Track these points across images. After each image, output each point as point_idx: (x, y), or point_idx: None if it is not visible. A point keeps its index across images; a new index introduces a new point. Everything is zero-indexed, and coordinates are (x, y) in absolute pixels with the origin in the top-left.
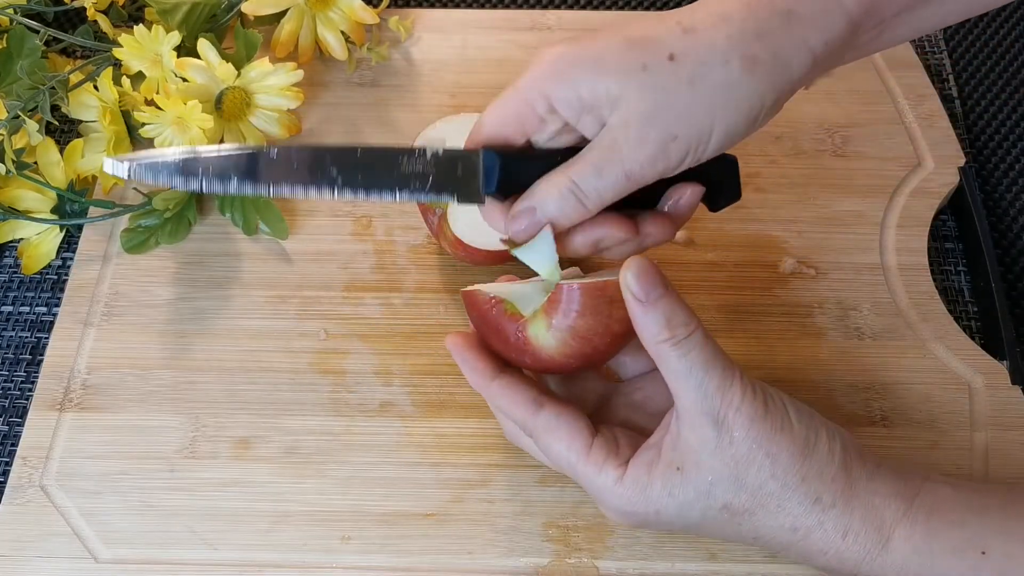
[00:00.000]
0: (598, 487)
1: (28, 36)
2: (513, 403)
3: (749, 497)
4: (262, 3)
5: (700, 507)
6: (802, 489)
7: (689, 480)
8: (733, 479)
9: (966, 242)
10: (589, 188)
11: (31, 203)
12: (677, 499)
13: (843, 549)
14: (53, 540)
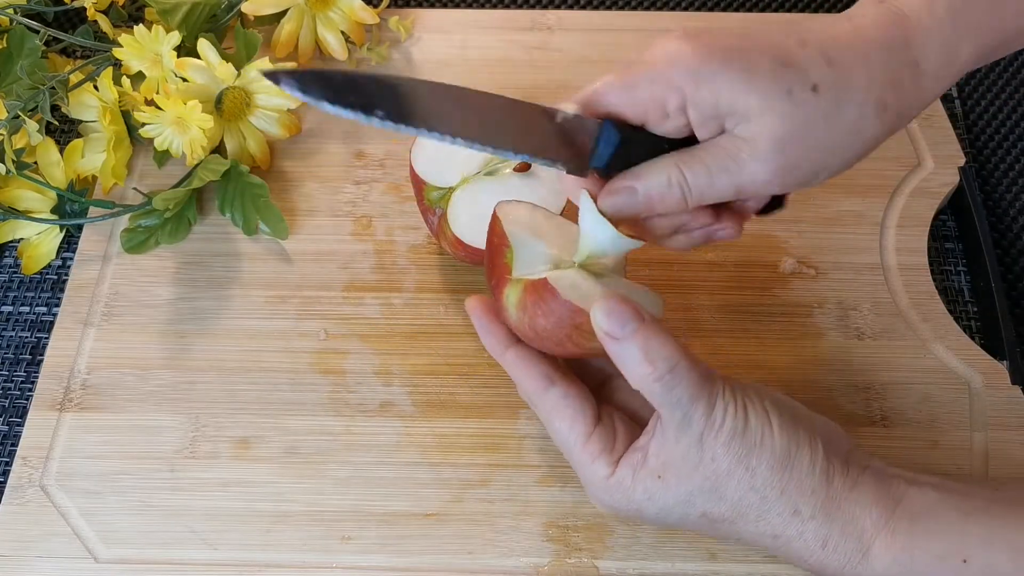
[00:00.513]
0: (588, 476)
1: (28, 36)
2: (526, 375)
3: (728, 508)
4: (262, 3)
5: (679, 513)
6: (781, 501)
7: (669, 489)
8: (712, 491)
9: (966, 242)
10: (696, 187)
11: (31, 203)
12: (657, 503)
13: (823, 558)
14: (53, 540)
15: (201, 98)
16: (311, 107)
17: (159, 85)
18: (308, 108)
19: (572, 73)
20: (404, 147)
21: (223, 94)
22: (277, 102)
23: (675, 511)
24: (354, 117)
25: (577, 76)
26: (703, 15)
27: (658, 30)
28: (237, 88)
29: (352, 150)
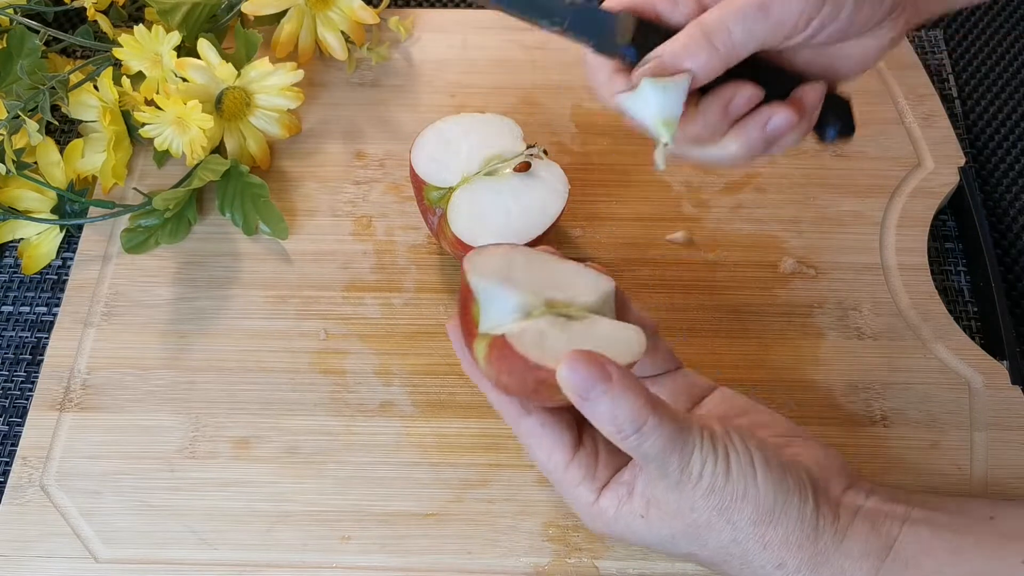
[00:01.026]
0: (573, 498)
1: (28, 36)
2: (503, 404)
3: (711, 554)
4: (262, 3)
5: (664, 549)
6: (764, 555)
7: (651, 528)
8: (695, 537)
9: (966, 242)
10: (722, 33)
11: (31, 203)
12: (639, 538)
13: None
14: (53, 540)
15: (201, 98)
16: (311, 107)
17: (159, 85)
18: (308, 108)
19: (572, 73)
20: (404, 147)
21: (223, 94)
22: (277, 102)
23: (659, 547)
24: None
25: (577, 76)
26: None
27: None
28: (237, 88)
29: (352, 150)
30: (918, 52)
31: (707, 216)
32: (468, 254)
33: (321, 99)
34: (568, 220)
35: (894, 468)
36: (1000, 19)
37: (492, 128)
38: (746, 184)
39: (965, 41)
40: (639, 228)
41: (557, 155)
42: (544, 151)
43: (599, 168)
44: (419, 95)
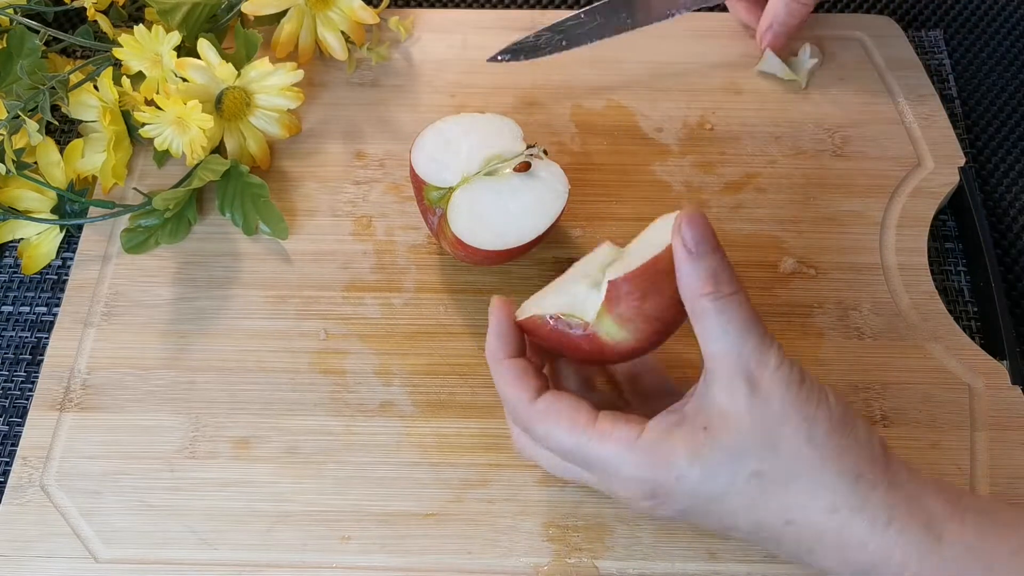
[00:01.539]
0: (608, 456)
1: (28, 36)
2: (515, 384)
3: (783, 464)
4: (262, 3)
5: (727, 473)
6: (842, 462)
7: (717, 440)
8: (766, 441)
9: (966, 242)
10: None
11: (31, 203)
12: (702, 461)
13: (886, 543)
14: (53, 540)
15: (201, 98)
16: (311, 107)
17: (159, 85)
18: (308, 108)
19: (572, 73)
20: (404, 147)
21: (223, 94)
22: (277, 102)
23: (722, 471)
24: None
25: (577, 76)
26: (703, 15)
27: (658, 30)
28: (237, 88)
29: (352, 150)
30: (918, 52)
31: (707, 216)
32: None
33: (321, 99)
34: (568, 220)
35: None
36: (1000, 19)
37: (492, 128)
38: (746, 184)
39: (965, 41)
40: (639, 228)
41: (557, 155)
42: (544, 151)
43: (599, 168)
44: (419, 95)
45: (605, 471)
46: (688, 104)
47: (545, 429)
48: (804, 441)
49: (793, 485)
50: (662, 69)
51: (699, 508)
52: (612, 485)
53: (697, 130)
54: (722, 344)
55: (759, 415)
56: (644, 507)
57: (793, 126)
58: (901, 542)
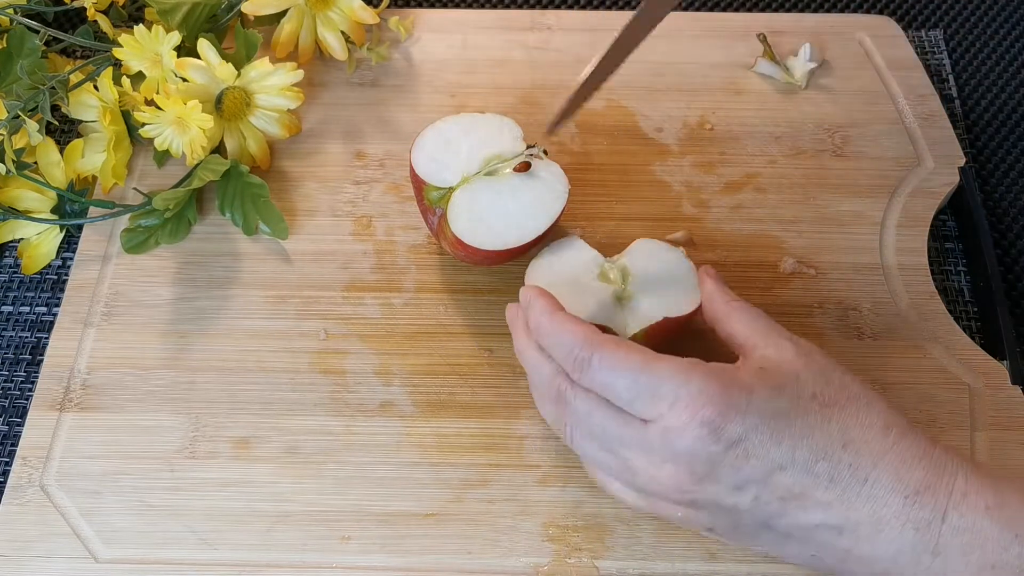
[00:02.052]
0: (676, 371)
1: (28, 36)
2: (577, 324)
3: (837, 390)
4: (262, 3)
5: (790, 392)
6: (884, 401)
7: (775, 373)
8: (820, 374)
9: (966, 242)
10: None
11: (31, 203)
12: (767, 380)
13: (936, 460)
14: (53, 540)
15: (201, 98)
16: (311, 107)
17: (159, 85)
18: (308, 108)
19: (572, 73)
20: (404, 147)
21: (223, 94)
22: (277, 102)
23: (787, 389)
24: None
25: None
26: (703, 15)
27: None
28: (237, 88)
29: (352, 150)
30: (918, 52)
31: (707, 216)
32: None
33: (321, 99)
34: (568, 220)
35: None
36: (1000, 19)
37: (492, 128)
38: (746, 184)
39: (965, 41)
40: (639, 228)
41: (557, 155)
42: (544, 151)
43: (599, 168)
44: (419, 95)
45: (672, 389)
46: (688, 104)
47: (612, 355)
48: (850, 380)
49: (849, 407)
50: (662, 69)
51: (764, 429)
52: (675, 409)
53: (697, 130)
54: (758, 324)
55: (807, 359)
56: (698, 440)
57: (793, 126)
58: (949, 461)
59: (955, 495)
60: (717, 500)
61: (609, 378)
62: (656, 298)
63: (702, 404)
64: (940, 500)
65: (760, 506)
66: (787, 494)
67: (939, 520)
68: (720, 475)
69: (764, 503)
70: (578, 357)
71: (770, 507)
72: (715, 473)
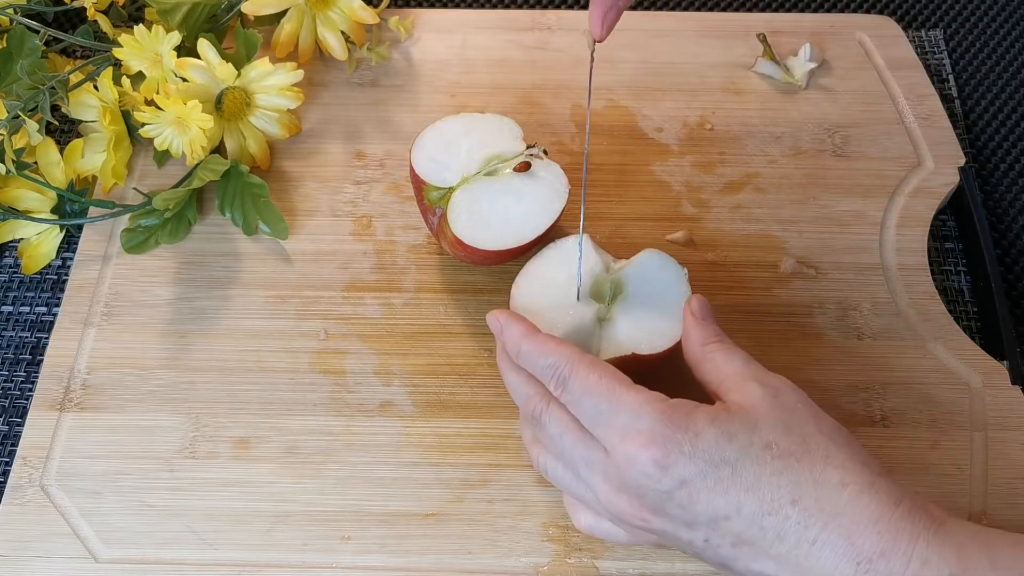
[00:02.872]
0: (636, 402)
1: (28, 36)
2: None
3: (796, 442)
4: (262, 3)
5: (743, 439)
6: (849, 450)
7: (734, 414)
8: (779, 423)
9: (966, 242)
10: None
11: (31, 203)
12: (720, 424)
13: (896, 523)
14: (53, 540)
15: (201, 98)
16: (311, 107)
17: (159, 85)
18: (308, 108)
19: (572, 73)
20: (404, 147)
21: (223, 94)
22: (277, 102)
23: (738, 436)
24: None
25: (577, 76)
26: (703, 15)
27: (657, 30)
28: (237, 88)
29: (352, 150)
30: (918, 52)
31: (707, 216)
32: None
33: (321, 99)
34: (568, 220)
35: (894, 468)
36: (1000, 19)
37: (492, 128)
38: (746, 184)
39: (965, 41)
40: (639, 228)
41: (557, 155)
42: (544, 151)
43: (599, 168)
44: (419, 95)
45: (630, 418)
46: (688, 104)
47: (586, 374)
48: (814, 428)
49: (805, 459)
50: (662, 69)
51: (709, 475)
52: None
53: (697, 130)
54: (731, 367)
55: (772, 404)
56: (643, 476)
57: (793, 126)
58: (909, 524)
59: (914, 563)
60: (673, 533)
61: (579, 397)
62: (636, 327)
63: (647, 441)
64: (897, 569)
65: (712, 548)
66: (737, 540)
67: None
68: (670, 512)
69: (715, 546)
70: (560, 374)
71: (722, 551)
72: (664, 509)
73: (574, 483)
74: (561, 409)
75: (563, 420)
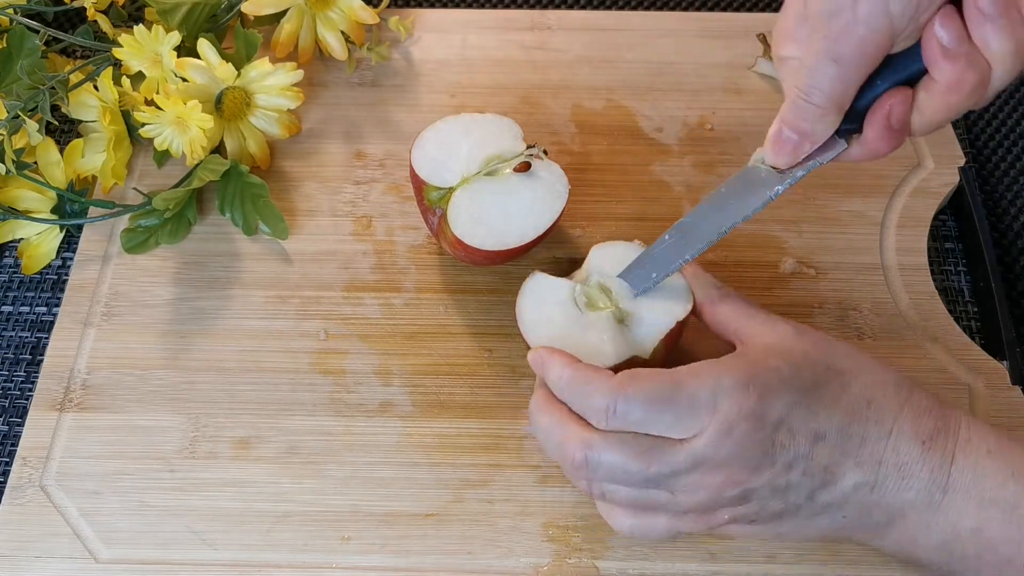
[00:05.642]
0: (706, 381)
1: (28, 36)
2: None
3: (845, 358)
4: (262, 3)
5: (809, 366)
6: (878, 361)
7: (787, 353)
8: (823, 347)
9: (966, 242)
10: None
11: (31, 203)
12: (786, 359)
13: (946, 410)
14: (53, 540)
15: (201, 98)
16: (311, 107)
17: (159, 85)
18: (308, 108)
19: (572, 73)
20: (404, 147)
21: (223, 94)
22: (277, 102)
23: (805, 368)
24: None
25: (577, 76)
26: (703, 15)
27: (658, 30)
28: (237, 88)
29: (352, 150)
30: None
31: None
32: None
33: (321, 99)
34: (568, 220)
35: None
36: None
37: (492, 128)
38: None
39: None
40: (639, 228)
41: (557, 155)
42: (544, 151)
43: (599, 168)
44: (419, 95)
45: (708, 399)
46: (688, 104)
47: (635, 387)
48: (846, 349)
49: (860, 370)
50: (662, 69)
51: (800, 403)
52: (715, 414)
53: (697, 130)
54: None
55: (806, 338)
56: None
57: None
58: (951, 411)
59: (960, 440)
60: (772, 483)
61: (643, 415)
62: (653, 306)
63: (742, 398)
64: (949, 444)
65: (807, 480)
66: (829, 461)
67: (948, 462)
68: (773, 459)
69: (811, 475)
70: (605, 407)
71: (815, 479)
72: (767, 458)
73: (642, 496)
74: (604, 439)
75: (616, 449)
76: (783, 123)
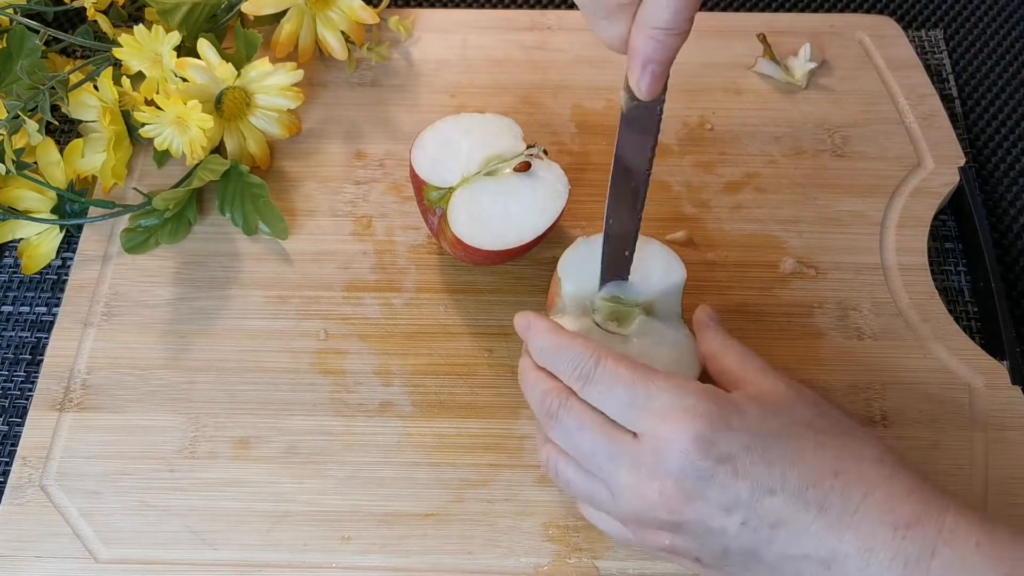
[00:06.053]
0: (672, 387)
1: (28, 36)
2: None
3: (831, 423)
4: (262, 3)
5: (785, 416)
6: (872, 435)
7: (769, 399)
8: (813, 406)
9: (966, 242)
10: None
11: (31, 203)
12: (758, 404)
13: (928, 493)
14: (53, 540)
15: (201, 98)
16: (311, 107)
17: (159, 85)
18: (308, 108)
19: (572, 73)
20: (404, 147)
21: (223, 94)
22: (277, 102)
23: (780, 413)
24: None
25: (577, 76)
26: (703, 15)
27: None
28: (237, 88)
29: (352, 150)
30: (918, 52)
31: (707, 216)
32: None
33: (321, 99)
34: (568, 220)
35: None
36: (1000, 19)
37: (492, 128)
38: (746, 184)
39: (965, 41)
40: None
41: (557, 155)
42: (544, 151)
43: (599, 168)
44: (419, 95)
45: (667, 402)
46: (688, 104)
47: (614, 365)
48: (844, 417)
49: (842, 437)
50: None
51: (754, 448)
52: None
53: (697, 130)
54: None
55: (799, 394)
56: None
57: (793, 126)
58: (937, 497)
59: (945, 531)
60: (706, 521)
61: (609, 387)
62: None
63: (694, 417)
64: (930, 535)
65: (748, 532)
66: (776, 520)
67: (928, 555)
68: (709, 493)
69: (752, 528)
70: (584, 367)
71: (759, 534)
72: (704, 491)
73: (586, 483)
74: (580, 404)
75: (583, 414)
76: (648, 63)
